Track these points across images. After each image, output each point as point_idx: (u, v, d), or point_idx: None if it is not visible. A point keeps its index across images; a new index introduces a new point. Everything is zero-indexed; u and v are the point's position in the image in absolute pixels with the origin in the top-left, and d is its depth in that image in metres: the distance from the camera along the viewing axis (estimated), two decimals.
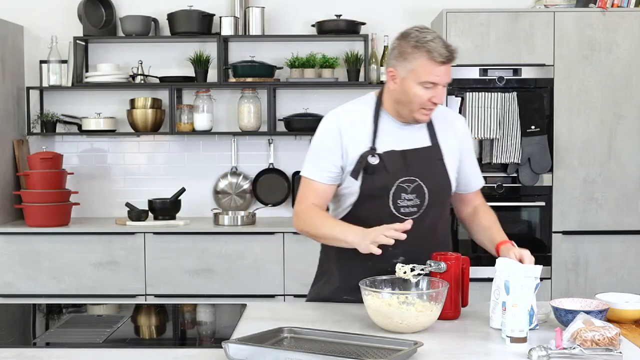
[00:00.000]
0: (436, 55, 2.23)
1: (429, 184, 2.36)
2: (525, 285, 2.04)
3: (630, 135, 4.32)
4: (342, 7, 4.74)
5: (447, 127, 2.45)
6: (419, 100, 2.29)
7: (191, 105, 4.74)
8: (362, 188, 2.35)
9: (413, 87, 2.28)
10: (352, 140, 2.36)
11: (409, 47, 2.26)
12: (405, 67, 2.27)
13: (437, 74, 2.25)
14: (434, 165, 2.38)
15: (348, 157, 2.36)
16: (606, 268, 4.35)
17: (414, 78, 2.26)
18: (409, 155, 2.36)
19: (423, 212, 2.37)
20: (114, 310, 2.55)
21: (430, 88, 2.27)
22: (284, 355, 1.78)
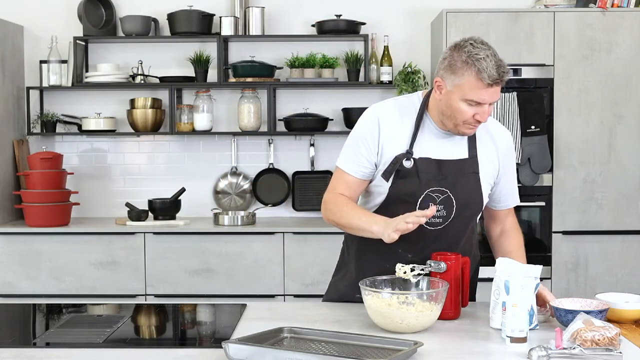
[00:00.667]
0: (485, 77, 2.15)
1: (459, 197, 2.31)
2: (525, 285, 2.04)
3: (630, 135, 4.32)
4: (342, 7, 4.74)
5: (490, 140, 2.37)
6: (462, 117, 2.21)
7: (191, 105, 4.74)
8: (391, 190, 2.31)
9: (457, 103, 2.20)
10: (390, 139, 2.31)
11: (459, 61, 2.18)
12: (453, 80, 2.20)
13: (483, 95, 2.17)
14: (467, 178, 2.32)
15: (383, 156, 2.31)
16: (606, 268, 4.35)
17: (459, 94, 2.19)
18: (444, 166, 2.30)
19: (448, 225, 2.32)
20: (114, 310, 2.55)
21: (475, 106, 2.20)
22: (284, 355, 1.78)
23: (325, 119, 4.67)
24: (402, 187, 2.30)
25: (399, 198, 2.31)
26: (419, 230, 2.21)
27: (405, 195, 2.30)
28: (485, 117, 2.22)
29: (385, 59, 4.68)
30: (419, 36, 4.81)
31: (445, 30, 4.28)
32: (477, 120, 2.22)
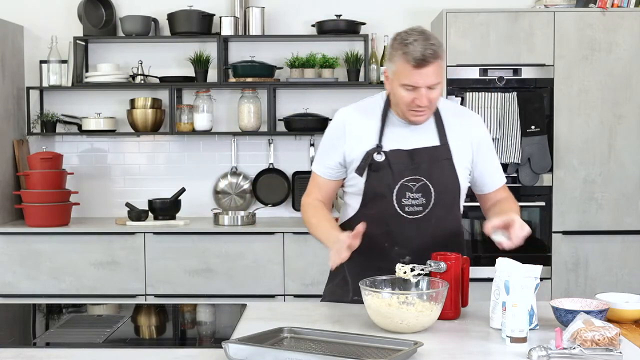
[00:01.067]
0: (410, 59, 2.20)
1: (436, 183, 2.35)
2: (525, 285, 2.04)
3: (630, 135, 4.32)
4: (342, 7, 4.74)
5: (460, 126, 2.41)
6: (404, 102, 2.28)
7: (191, 105, 4.74)
8: (367, 185, 2.36)
9: (397, 89, 2.28)
10: (358, 138, 2.37)
11: (392, 48, 2.27)
12: (390, 68, 2.29)
13: (414, 77, 2.22)
14: (441, 165, 2.36)
15: (352, 153, 2.37)
16: (606, 268, 4.35)
17: (397, 80, 2.27)
18: (416, 155, 2.35)
19: (429, 212, 2.35)
20: (114, 310, 2.55)
21: (412, 90, 2.25)
22: (284, 355, 1.78)
23: (325, 119, 4.67)
24: (376, 181, 2.35)
25: (375, 192, 2.36)
26: (400, 221, 2.30)
27: (380, 189, 2.35)
28: (424, 101, 2.25)
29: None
30: None
31: (445, 30, 4.29)
32: (418, 106, 2.26)
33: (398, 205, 2.35)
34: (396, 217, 2.34)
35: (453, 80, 4.31)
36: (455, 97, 4.33)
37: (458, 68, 4.30)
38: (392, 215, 2.34)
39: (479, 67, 4.30)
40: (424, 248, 2.32)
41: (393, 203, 2.34)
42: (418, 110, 2.28)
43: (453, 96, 4.33)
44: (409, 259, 2.33)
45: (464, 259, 2.26)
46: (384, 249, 2.36)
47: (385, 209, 2.35)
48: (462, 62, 4.30)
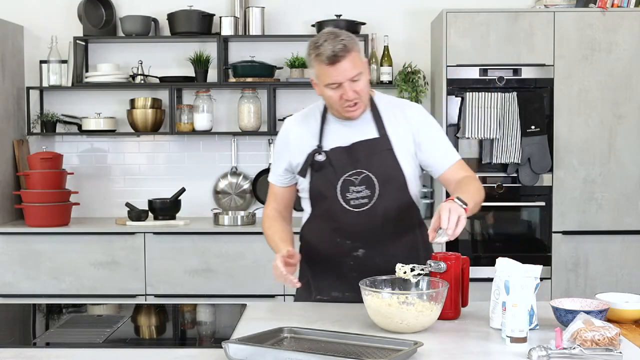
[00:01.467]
0: (323, 59, 2.28)
1: (378, 174, 2.39)
2: (525, 285, 2.04)
3: (630, 135, 4.33)
4: (342, 7, 4.74)
5: (397, 117, 2.45)
6: (333, 101, 2.35)
7: (191, 105, 4.74)
8: (311, 185, 2.44)
9: (324, 91, 2.35)
10: (299, 144, 2.45)
11: (308, 54, 2.35)
12: (313, 74, 2.37)
13: (333, 74, 2.29)
14: (382, 155, 2.40)
15: (297, 158, 2.45)
16: (606, 268, 4.35)
17: (320, 82, 2.34)
18: (355, 149, 2.41)
19: (375, 203, 2.40)
20: (114, 310, 2.55)
21: (336, 88, 2.31)
22: (284, 355, 1.78)
23: None
24: (319, 180, 2.42)
25: (319, 191, 2.43)
26: (348, 215, 2.38)
27: (324, 187, 2.42)
28: (350, 94, 2.30)
29: (385, 59, 4.68)
30: (419, 36, 4.81)
31: (445, 30, 4.29)
32: (346, 100, 2.32)
33: (343, 200, 2.40)
34: (343, 212, 2.40)
35: (453, 80, 4.31)
36: (456, 97, 4.33)
37: (458, 68, 4.30)
38: (339, 211, 2.40)
39: (479, 67, 4.30)
40: (376, 238, 2.41)
41: (338, 198, 2.40)
42: (349, 105, 2.34)
43: (453, 96, 4.33)
44: (362, 252, 2.41)
45: (464, 259, 2.26)
46: (337, 244, 2.43)
47: (333, 206, 2.41)
48: (462, 62, 4.30)
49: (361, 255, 2.41)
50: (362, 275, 2.32)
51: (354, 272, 2.40)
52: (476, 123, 4.23)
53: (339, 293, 2.44)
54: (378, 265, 2.38)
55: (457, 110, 4.33)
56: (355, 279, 2.32)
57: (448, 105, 4.34)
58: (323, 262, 2.46)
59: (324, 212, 2.44)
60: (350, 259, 2.42)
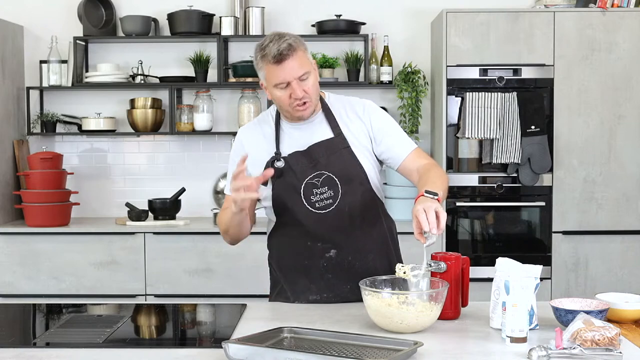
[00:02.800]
0: (270, 59, 2.28)
1: (338, 173, 2.39)
2: (525, 285, 2.04)
3: (630, 135, 4.33)
4: (342, 7, 4.74)
5: (349, 115, 2.46)
6: (283, 102, 2.35)
7: (191, 105, 4.74)
8: (274, 193, 2.42)
9: (273, 92, 2.35)
10: (257, 151, 2.44)
11: (255, 58, 2.35)
12: (262, 77, 2.37)
13: (279, 74, 2.29)
14: (340, 154, 2.40)
15: (255, 168, 2.42)
16: (606, 268, 4.35)
17: (269, 84, 2.34)
18: (312, 151, 2.40)
19: (340, 203, 2.39)
20: (114, 310, 2.55)
21: (285, 88, 2.32)
22: (284, 355, 1.78)
23: None
24: (282, 186, 2.41)
25: (283, 197, 2.41)
26: (314, 217, 2.37)
27: (288, 192, 2.40)
28: (299, 92, 2.31)
29: (385, 59, 4.68)
30: (419, 36, 4.81)
31: (445, 30, 4.29)
32: (297, 98, 2.32)
33: (308, 203, 2.39)
34: (309, 215, 2.39)
35: (453, 80, 4.31)
36: (456, 97, 4.33)
37: (458, 68, 4.30)
38: (305, 215, 2.39)
39: (479, 67, 4.30)
40: (345, 237, 2.41)
41: (303, 202, 2.39)
42: (299, 104, 2.34)
43: (453, 96, 4.33)
44: (334, 252, 2.41)
45: (464, 259, 2.26)
46: (308, 248, 2.42)
47: (298, 210, 2.40)
48: (462, 62, 4.30)
49: (334, 256, 2.41)
50: (338, 275, 2.37)
51: (329, 273, 2.42)
52: (476, 123, 4.23)
53: (317, 296, 2.43)
54: (352, 263, 2.41)
55: (457, 110, 4.33)
56: (331, 280, 2.37)
57: (448, 105, 4.34)
58: (296, 267, 2.45)
59: (290, 218, 2.43)
60: (324, 260, 2.42)
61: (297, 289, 2.46)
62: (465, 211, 4.37)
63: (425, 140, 4.77)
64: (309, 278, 2.44)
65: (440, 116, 4.38)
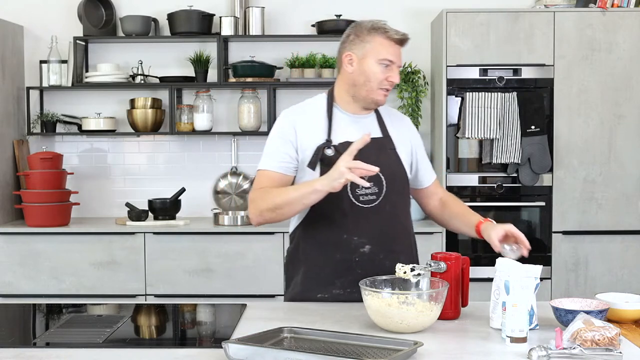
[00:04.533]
0: (392, 34, 2.41)
1: (386, 172, 2.41)
2: (525, 285, 2.04)
3: (630, 135, 4.33)
4: (342, 7, 4.74)
5: (396, 123, 2.57)
6: (377, 78, 2.41)
7: (191, 105, 4.74)
8: None
9: (371, 66, 2.41)
10: (307, 134, 2.44)
11: (365, 30, 2.43)
12: (363, 47, 2.42)
13: (393, 52, 2.41)
14: (387, 154, 2.47)
15: (305, 151, 2.42)
16: (606, 268, 4.35)
17: (373, 57, 2.41)
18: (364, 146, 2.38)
19: (382, 200, 2.43)
20: (114, 310, 2.55)
21: (388, 66, 2.41)
22: (284, 355, 1.78)
23: None
24: None
25: None
26: (357, 211, 2.38)
27: None
28: (397, 78, 2.44)
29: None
30: (419, 36, 4.80)
31: (445, 30, 4.29)
32: (389, 82, 2.42)
33: (353, 196, 2.40)
34: (352, 207, 2.40)
35: (453, 80, 4.31)
36: (456, 97, 4.33)
37: (458, 68, 4.30)
38: (348, 206, 2.40)
39: (479, 67, 4.30)
40: (381, 236, 2.42)
41: (348, 194, 2.40)
42: (387, 89, 2.43)
43: (453, 96, 4.33)
44: (368, 248, 2.41)
45: (463, 259, 2.26)
46: (343, 240, 2.42)
47: (342, 202, 2.40)
48: (462, 62, 4.30)
49: (367, 252, 2.41)
50: (367, 272, 2.34)
51: (359, 269, 2.40)
52: (476, 123, 4.23)
53: (340, 291, 2.43)
54: (382, 262, 2.40)
55: (457, 110, 4.33)
56: (360, 276, 2.32)
57: (448, 105, 4.34)
58: (325, 259, 2.44)
59: (329, 208, 2.39)
60: (357, 255, 2.41)
61: (320, 282, 2.42)
62: None
63: (425, 140, 4.73)
64: (337, 272, 2.42)
65: (440, 116, 4.38)
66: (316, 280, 2.45)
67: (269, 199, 2.34)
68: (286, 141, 2.44)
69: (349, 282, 2.41)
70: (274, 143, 2.46)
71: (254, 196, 2.40)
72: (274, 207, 2.34)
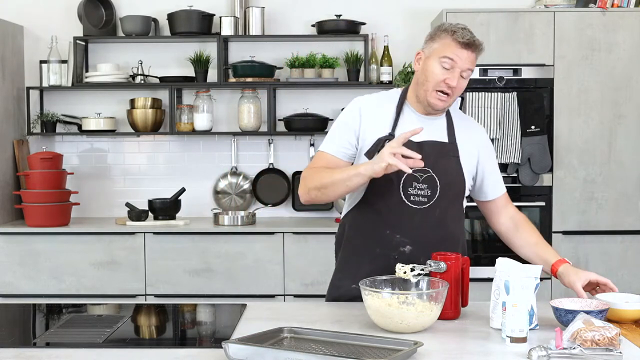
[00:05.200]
0: (458, 36, 2.33)
1: (442, 177, 2.38)
2: (525, 285, 2.04)
3: (630, 135, 4.33)
4: (342, 7, 4.74)
5: (467, 131, 2.49)
6: (435, 79, 2.35)
7: (191, 105, 4.74)
8: None
9: (432, 65, 2.36)
10: (372, 125, 2.41)
11: (437, 30, 2.39)
12: (431, 47, 2.38)
13: (456, 53, 2.33)
14: (448, 160, 2.41)
15: (365, 140, 2.40)
16: (606, 268, 4.35)
17: (435, 55, 2.36)
18: (425, 147, 2.38)
19: (433, 204, 2.39)
20: (114, 310, 2.55)
21: (448, 69, 2.34)
22: (284, 355, 1.78)
23: (325, 119, 4.67)
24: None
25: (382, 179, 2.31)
26: (405, 210, 2.35)
27: (388, 176, 2.32)
28: (454, 81, 2.35)
29: (385, 59, 4.68)
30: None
31: None
32: (448, 86, 2.35)
33: (404, 194, 2.37)
34: (401, 205, 2.37)
35: None
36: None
37: None
38: (397, 204, 2.37)
39: (479, 67, 4.30)
40: (425, 239, 2.38)
41: (399, 191, 2.37)
42: (444, 93, 2.36)
43: None
44: (409, 249, 2.38)
45: (464, 259, 2.26)
46: (386, 236, 2.39)
47: (391, 197, 2.37)
48: None
49: (407, 252, 2.38)
50: None
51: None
52: None
53: None
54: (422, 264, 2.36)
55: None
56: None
57: None
58: (364, 250, 2.42)
59: (378, 202, 2.39)
60: (396, 253, 2.38)
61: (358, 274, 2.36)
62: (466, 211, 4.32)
63: None
64: (374, 266, 2.37)
65: None
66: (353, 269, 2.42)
67: (317, 178, 2.36)
68: (350, 128, 2.42)
69: None
70: (338, 127, 2.47)
71: (305, 174, 2.42)
72: (320, 186, 2.35)
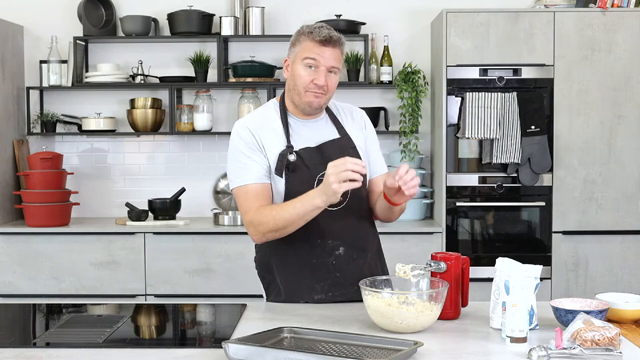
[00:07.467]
0: (315, 35, 2.35)
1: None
2: (525, 285, 2.04)
3: (630, 135, 4.33)
4: (342, 7, 4.74)
5: (350, 119, 2.55)
6: (302, 81, 2.37)
7: (191, 105, 4.74)
8: (287, 186, 2.40)
9: (297, 68, 2.38)
10: (268, 141, 2.42)
11: (296, 34, 2.43)
12: (294, 51, 2.42)
13: (316, 52, 2.35)
14: (349, 154, 2.42)
15: (271, 159, 2.41)
16: (606, 268, 4.35)
17: (299, 58, 2.38)
18: (325, 149, 2.43)
19: (349, 201, 2.43)
20: (114, 310, 2.55)
21: (313, 69, 2.36)
22: (284, 355, 1.78)
23: None
24: (295, 180, 2.39)
25: (296, 192, 2.36)
26: (326, 215, 2.35)
27: (301, 187, 2.37)
28: (322, 80, 2.36)
29: (385, 59, 4.68)
30: (419, 36, 4.81)
31: (445, 30, 4.29)
32: (316, 86, 2.36)
33: None
34: (323, 212, 2.33)
35: (453, 80, 4.31)
36: (456, 97, 4.33)
37: (458, 68, 4.30)
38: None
39: (479, 67, 4.30)
40: (352, 236, 2.43)
41: None
42: (317, 92, 2.37)
43: (453, 96, 4.33)
44: (342, 250, 2.41)
45: (464, 259, 2.26)
46: (318, 245, 2.41)
47: None
48: (462, 62, 4.30)
49: (342, 254, 2.42)
50: (345, 273, 2.38)
51: (337, 271, 2.42)
52: (476, 123, 4.23)
53: (322, 295, 2.42)
54: (357, 262, 2.43)
55: (457, 110, 4.33)
56: (338, 279, 2.37)
57: (448, 105, 4.34)
58: (300, 266, 2.43)
59: None
60: (333, 258, 2.41)
61: (300, 289, 2.43)
62: (465, 211, 4.37)
63: (425, 140, 4.77)
64: (315, 277, 2.42)
65: (440, 116, 4.38)
66: (297, 287, 2.44)
67: (269, 221, 2.32)
68: (252, 148, 2.41)
69: (329, 286, 2.42)
70: (240, 155, 2.42)
71: (251, 219, 2.36)
72: (276, 228, 2.32)
